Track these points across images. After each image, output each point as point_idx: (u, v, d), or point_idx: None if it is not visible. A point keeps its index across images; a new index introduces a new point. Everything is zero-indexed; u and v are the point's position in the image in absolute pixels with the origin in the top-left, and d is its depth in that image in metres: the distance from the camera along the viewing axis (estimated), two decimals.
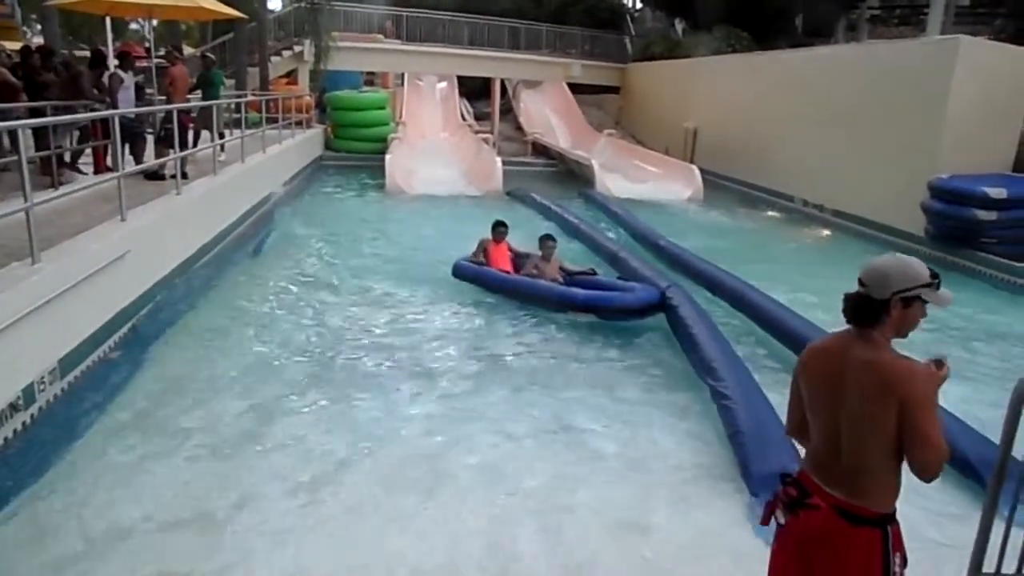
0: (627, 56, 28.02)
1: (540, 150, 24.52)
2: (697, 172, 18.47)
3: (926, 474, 2.23)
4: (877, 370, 2.28)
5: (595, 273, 8.75)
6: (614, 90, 28.19)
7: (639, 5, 34.34)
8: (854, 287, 2.38)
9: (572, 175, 20.80)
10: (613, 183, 18.26)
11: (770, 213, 16.47)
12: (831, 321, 7.53)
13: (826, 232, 14.43)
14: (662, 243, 11.15)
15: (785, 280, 9.72)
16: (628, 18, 30.56)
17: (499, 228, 9.08)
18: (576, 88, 28.26)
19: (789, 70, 17.22)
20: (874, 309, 2.35)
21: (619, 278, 8.72)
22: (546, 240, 8.70)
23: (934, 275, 2.39)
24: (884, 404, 2.25)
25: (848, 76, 14.76)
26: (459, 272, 8.96)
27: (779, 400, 5.51)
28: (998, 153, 12.32)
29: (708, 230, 14.20)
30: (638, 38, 28.41)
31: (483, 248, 8.96)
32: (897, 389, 2.23)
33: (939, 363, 2.37)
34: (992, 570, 2.81)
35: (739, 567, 3.77)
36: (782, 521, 2.51)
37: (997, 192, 10.71)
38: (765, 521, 2.62)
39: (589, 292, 7.83)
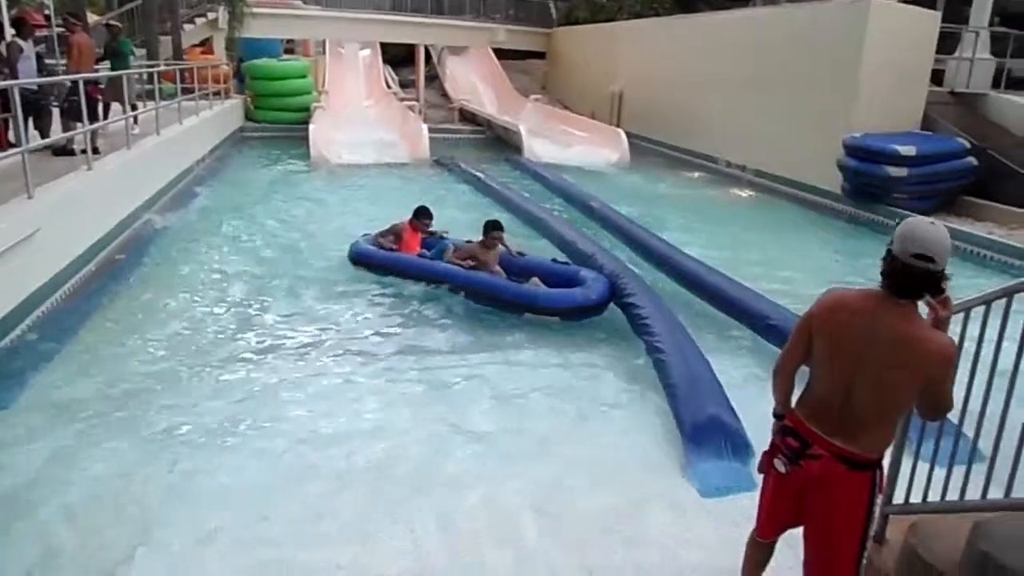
0: (552, 21, 27.91)
1: (467, 117, 24.32)
2: (623, 136, 18.64)
3: (932, 420, 2.46)
4: (914, 344, 2.30)
5: (523, 255, 7.74)
6: (540, 55, 28.09)
7: None
8: (773, 243, 2.50)
9: (500, 141, 20.73)
10: (540, 148, 18.28)
11: (695, 175, 16.79)
12: (753, 276, 7.89)
13: (749, 192, 14.82)
14: (595, 205, 11.26)
15: (708, 238, 9.99)
16: None
17: (424, 218, 8.10)
18: (502, 54, 28.04)
19: (709, 33, 17.45)
20: (934, 283, 2.29)
21: (553, 260, 7.77)
22: (493, 230, 7.40)
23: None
24: (912, 376, 2.32)
25: (766, 39, 15.06)
26: (362, 257, 8.08)
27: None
28: (908, 112, 12.83)
29: (635, 193, 14.39)
30: (562, 3, 28.30)
31: (396, 233, 8.08)
32: (931, 368, 2.29)
33: (943, 301, 2.36)
34: (901, 501, 3.00)
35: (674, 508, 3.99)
36: (783, 470, 2.58)
37: (907, 149, 11.17)
38: (763, 469, 2.73)
39: (548, 292, 6.81)
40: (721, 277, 7.40)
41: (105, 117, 10.41)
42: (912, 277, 2.28)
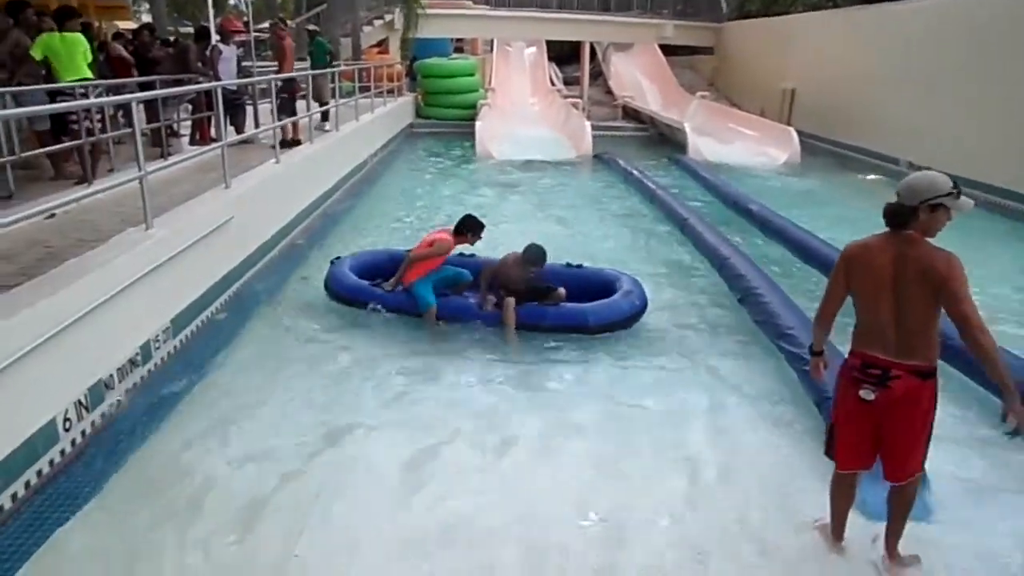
0: (722, 15, 27.05)
1: (631, 114, 24.11)
2: (794, 134, 17.78)
3: (970, 334, 2.87)
4: (927, 262, 2.94)
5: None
6: (708, 51, 27.33)
7: None
8: (968, 254, 2.60)
9: (664, 139, 20.38)
10: (706, 147, 17.79)
11: (872, 176, 15.70)
12: None
13: None
14: (754, 208, 10.82)
15: None
16: None
17: (470, 232, 6.52)
18: (668, 50, 27.55)
19: (896, 24, 16.25)
20: (904, 214, 3.02)
21: (567, 264, 6.95)
22: (530, 259, 6.16)
23: (955, 186, 3.01)
24: (931, 286, 2.92)
25: (962, 27, 13.81)
26: (344, 291, 6.62)
27: None
28: None
29: (804, 194, 13.70)
30: None
31: (443, 252, 6.42)
32: (936, 274, 2.90)
33: None
34: None
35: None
36: (872, 397, 3.08)
37: None
38: (841, 407, 3.29)
39: (596, 309, 6.16)
40: None
41: (293, 113, 11.25)
42: (901, 212, 3.03)
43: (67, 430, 4.16)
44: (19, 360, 3.68)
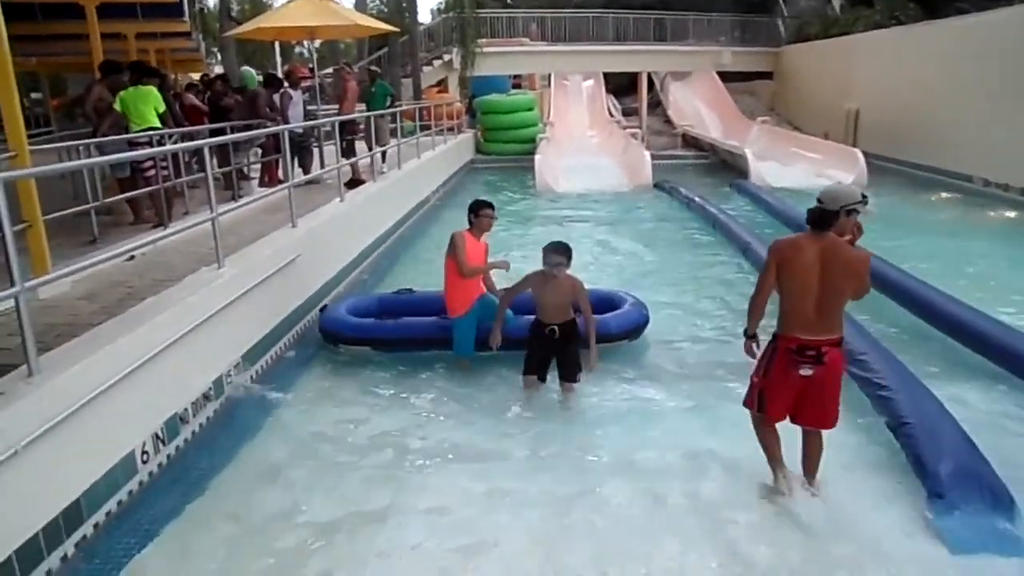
0: (780, 39, 26.80)
1: (691, 142, 23.99)
2: (860, 155, 17.35)
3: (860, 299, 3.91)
4: (851, 258, 3.74)
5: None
6: (767, 75, 27.06)
7: None
8: None
9: (725, 166, 20.18)
10: (768, 172, 17.54)
11: (944, 195, 15.20)
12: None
13: (1012, 214, 13.14)
14: None
15: (958, 268, 9.03)
16: None
17: (481, 211, 6.02)
18: (726, 76, 27.37)
19: (964, 39, 15.81)
20: (829, 218, 3.78)
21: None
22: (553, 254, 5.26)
23: (863, 196, 4.06)
24: (852, 279, 3.73)
25: None
26: (347, 331, 6.47)
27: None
28: None
29: (873, 216, 13.32)
30: (791, 19, 27.07)
31: (458, 246, 5.83)
32: (857, 267, 3.74)
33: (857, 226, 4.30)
34: None
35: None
36: (810, 373, 3.80)
37: None
38: (772, 376, 3.94)
39: (617, 318, 6.33)
40: (971, 310, 6.62)
41: (354, 153, 11.61)
42: (823, 216, 3.77)
43: (144, 462, 4.33)
44: (101, 394, 3.87)
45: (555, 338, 5.39)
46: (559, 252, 5.23)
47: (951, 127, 15.86)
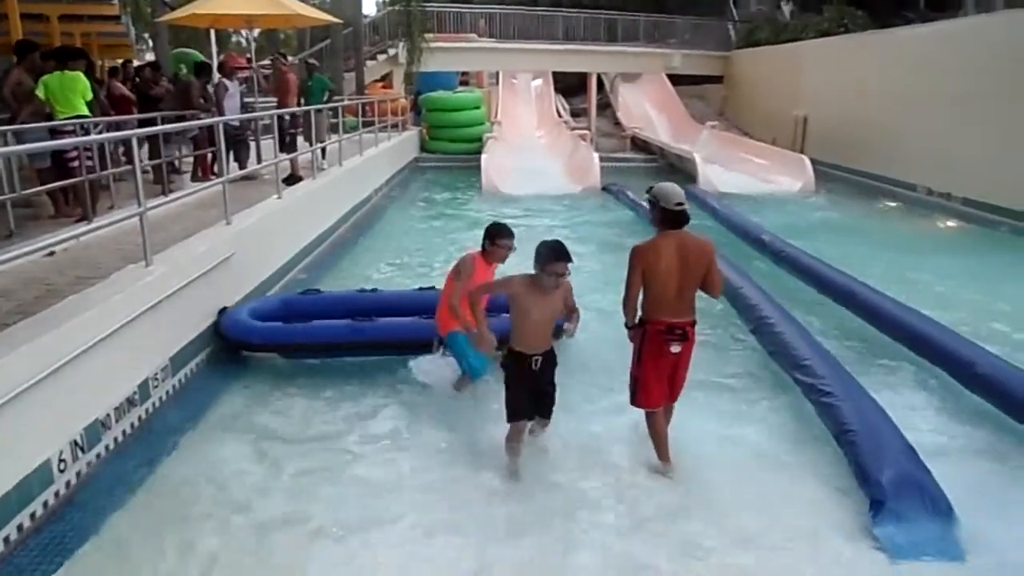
0: (730, 43, 27.41)
1: (640, 145, 24.34)
2: (808, 162, 17.88)
3: (717, 294, 4.54)
4: (701, 248, 4.30)
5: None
6: (717, 80, 27.63)
7: None
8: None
9: (674, 169, 20.48)
10: (717, 177, 17.90)
11: (889, 204, 15.76)
12: (957, 320, 7.26)
13: (953, 223, 13.68)
14: (765, 238, 10.84)
15: (902, 276, 9.35)
16: (731, 3, 29.89)
17: (499, 239, 5.19)
18: (676, 79, 27.87)
19: (911, 49, 16.41)
20: (687, 217, 4.30)
21: (420, 288, 7.07)
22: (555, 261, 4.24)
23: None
24: (704, 265, 4.26)
25: (982, 50, 13.85)
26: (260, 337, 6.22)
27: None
28: None
29: (819, 223, 13.73)
30: (742, 23, 27.73)
31: (468, 273, 5.03)
32: (710, 256, 4.30)
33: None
34: None
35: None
36: (679, 350, 4.34)
37: None
38: (647, 358, 4.39)
39: None
40: (919, 316, 6.88)
41: (296, 149, 11.42)
42: (681, 216, 4.27)
43: (62, 471, 4.17)
44: (14, 399, 3.71)
45: (537, 370, 4.47)
46: (564, 257, 4.22)
47: (896, 136, 16.43)
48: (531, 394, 4.50)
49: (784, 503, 4.30)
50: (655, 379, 4.42)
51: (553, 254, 4.20)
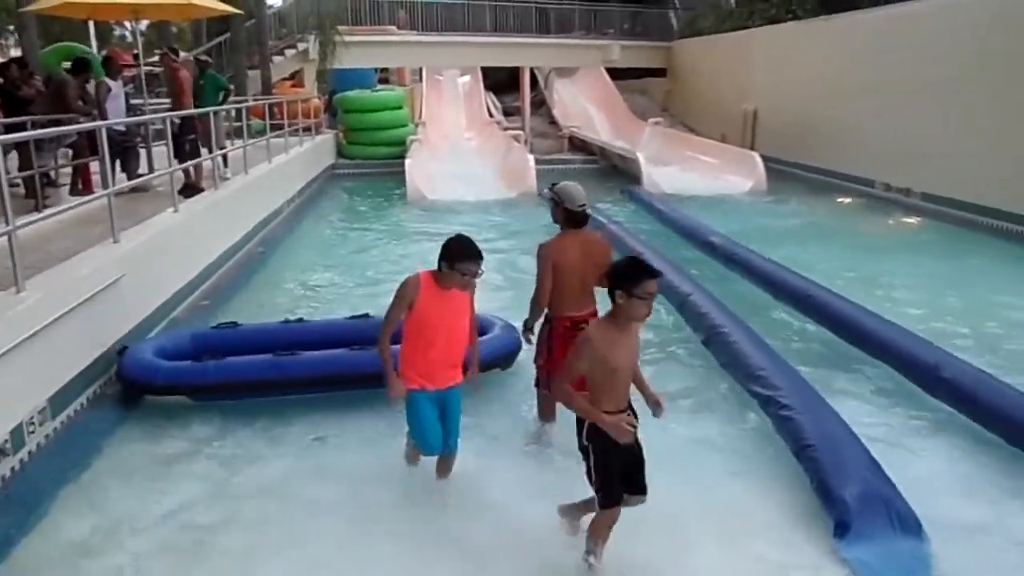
0: (672, 33, 27.97)
1: (578, 145, 24.60)
2: (759, 160, 18.33)
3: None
4: (601, 245, 5.07)
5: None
6: (660, 72, 28.15)
7: None
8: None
9: (616, 171, 20.79)
10: (662, 177, 18.21)
11: (844, 200, 16.27)
12: (920, 316, 7.50)
13: (914, 219, 14.19)
14: (715, 240, 11.03)
15: (861, 276, 9.66)
16: None
17: (464, 261, 4.14)
18: (616, 73, 28.29)
19: (866, 35, 16.88)
20: (587, 217, 5.01)
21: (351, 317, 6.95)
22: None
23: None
24: (604, 262, 4.54)
25: (944, 35, 14.21)
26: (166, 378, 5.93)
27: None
28: None
29: (772, 223, 14.06)
30: (684, 11, 28.33)
31: (410, 301, 4.24)
32: (609, 255, 4.84)
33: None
34: None
35: None
36: None
37: None
38: (557, 343, 4.90)
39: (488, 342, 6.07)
40: (880, 320, 7.09)
41: (197, 155, 11.13)
42: (584, 217, 4.99)
43: None
44: None
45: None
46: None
47: (852, 129, 16.98)
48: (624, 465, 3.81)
49: (743, 523, 4.35)
50: (560, 353, 4.79)
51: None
